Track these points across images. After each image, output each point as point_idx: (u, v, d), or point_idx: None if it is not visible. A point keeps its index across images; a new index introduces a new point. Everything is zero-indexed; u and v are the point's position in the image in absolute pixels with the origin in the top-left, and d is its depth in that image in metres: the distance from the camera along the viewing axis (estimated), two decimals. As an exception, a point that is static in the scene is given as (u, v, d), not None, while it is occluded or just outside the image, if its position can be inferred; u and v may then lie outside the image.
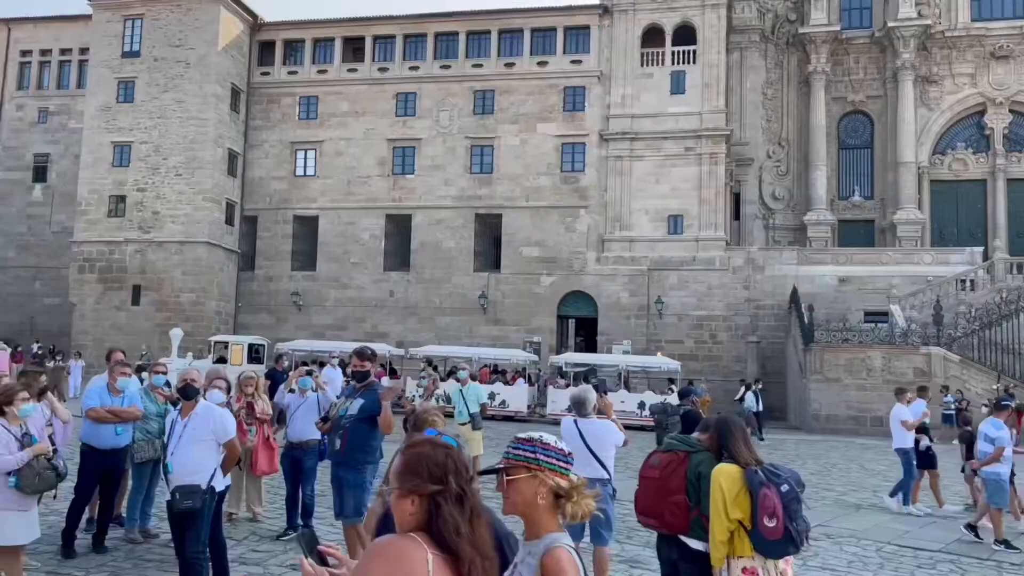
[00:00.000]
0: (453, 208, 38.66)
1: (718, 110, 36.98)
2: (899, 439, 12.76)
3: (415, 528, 2.35)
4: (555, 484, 2.59)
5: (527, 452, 2.64)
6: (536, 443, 2.66)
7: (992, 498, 10.29)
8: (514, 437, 2.75)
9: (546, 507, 2.59)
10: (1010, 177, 39.26)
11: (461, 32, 39.43)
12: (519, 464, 2.62)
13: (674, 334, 35.80)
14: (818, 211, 39.77)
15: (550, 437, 2.71)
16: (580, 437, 7.31)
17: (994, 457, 10.21)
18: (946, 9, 40.22)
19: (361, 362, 7.16)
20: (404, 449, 2.51)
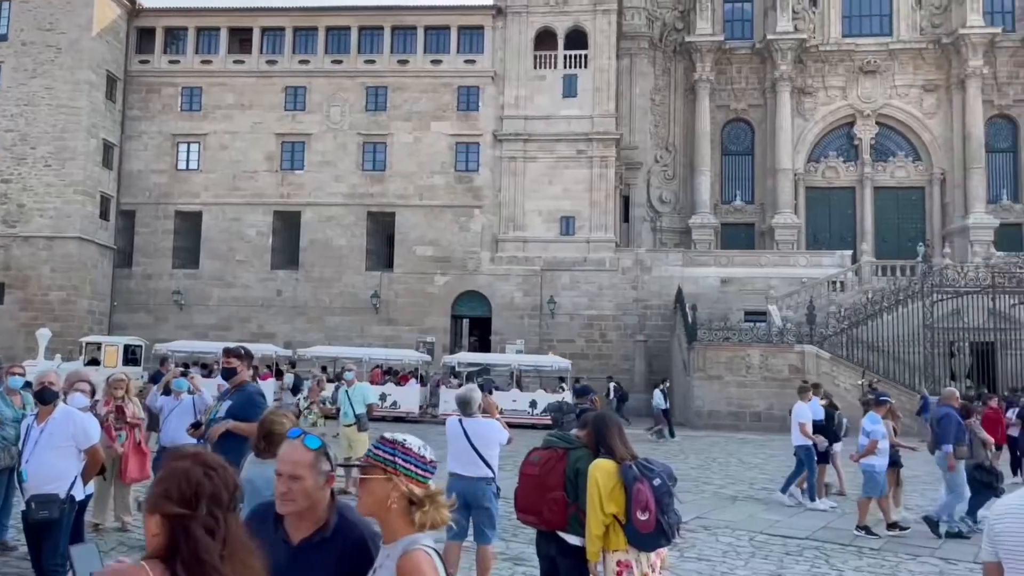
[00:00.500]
0: (344, 205, 37.99)
1: (608, 114, 37.80)
2: (798, 436, 13.09)
3: (157, 552, 2.08)
4: (408, 490, 2.55)
5: (386, 454, 2.59)
6: (397, 446, 2.60)
7: (866, 488, 10.83)
8: (379, 437, 2.69)
9: (398, 512, 2.55)
10: (876, 185, 41.85)
11: (353, 27, 38.79)
12: (376, 465, 2.58)
13: (566, 333, 36.35)
14: (702, 215, 41.25)
15: (415, 442, 2.64)
16: (465, 436, 7.30)
17: (868, 450, 10.73)
18: (820, 24, 42.49)
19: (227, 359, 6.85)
20: (165, 462, 2.26)
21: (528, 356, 32.20)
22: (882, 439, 10.86)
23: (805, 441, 12.96)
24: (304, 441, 2.86)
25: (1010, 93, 41.42)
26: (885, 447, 10.98)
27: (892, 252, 38.91)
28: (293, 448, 2.85)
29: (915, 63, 41.89)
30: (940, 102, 41.73)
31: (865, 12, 42.76)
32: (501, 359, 31.53)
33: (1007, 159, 41.87)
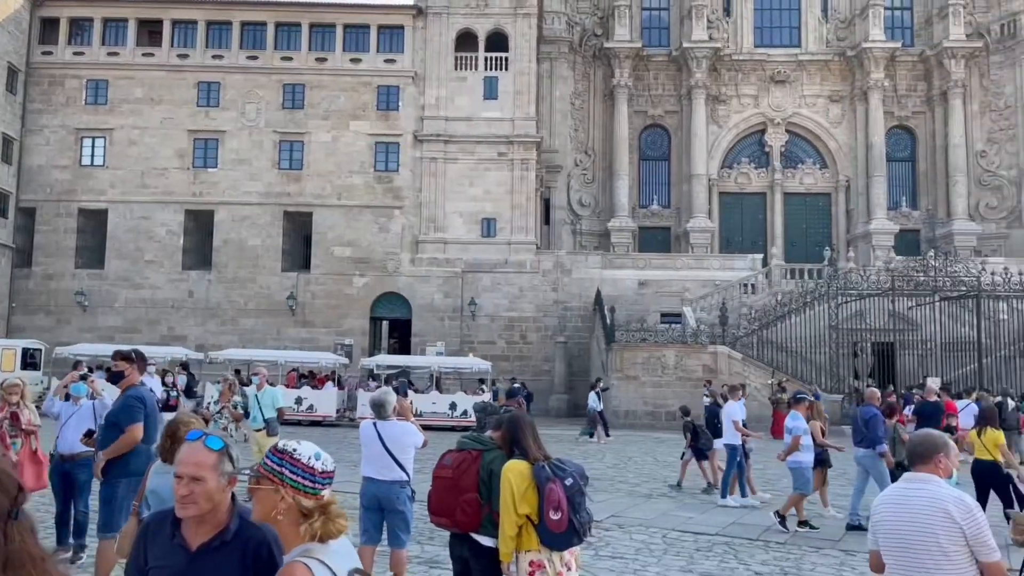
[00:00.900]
0: (260, 205, 37.10)
1: (529, 117, 38.04)
2: (729, 435, 13.28)
3: None
4: (296, 502, 2.53)
5: (274, 464, 2.58)
6: (286, 457, 2.59)
7: (796, 485, 11.10)
8: (273, 447, 2.67)
9: (287, 523, 2.54)
10: (786, 191, 43.37)
11: (270, 23, 37.94)
12: (266, 475, 2.57)
13: (486, 335, 36.39)
14: (621, 218, 41.94)
15: (307, 452, 2.61)
16: (379, 439, 7.24)
17: (792, 447, 11.01)
18: (733, 34, 43.79)
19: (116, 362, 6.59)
20: None
21: (448, 358, 32.10)
22: (804, 435, 11.16)
23: (734, 440, 13.14)
24: (206, 442, 2.79)
25: (909, 105, 43.56)
26: (809, 443, 11.24)
27: (800, 256, 40.40)
28: (194, 450, 2.79)
29: (822, 74, 43.61)
30: (845, 112, 43.55)
31: (776, 24, 44.28)
32: (421, 361, 31.35)
33: (906, 168, 43.99)
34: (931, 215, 42.76)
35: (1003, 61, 42.07)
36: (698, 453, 14.61)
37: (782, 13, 44.33)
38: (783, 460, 11.38)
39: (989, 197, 41.85)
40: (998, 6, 42.52)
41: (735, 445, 13.17)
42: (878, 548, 4.10)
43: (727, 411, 13.56)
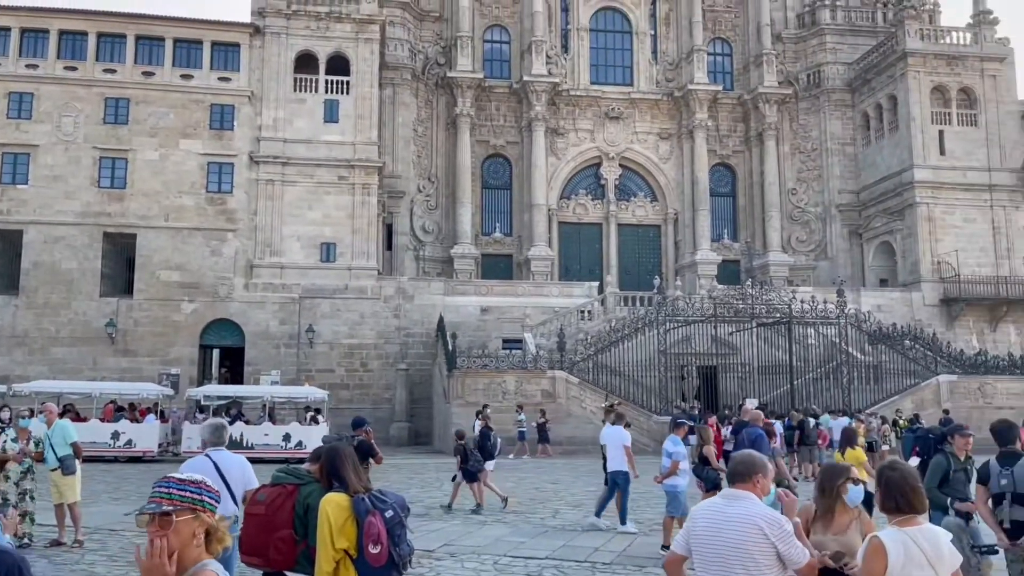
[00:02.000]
0: (76, 225, 34.51)
1: (371, 142, 37.72)
2: (619, 461, 12.83)
3: None
4: (210, 523, 2.81)
5: (193, 494, 2.81)
6: (202, 486, 2.85)
7: (669, 508, 11.27)
8: (169, 478, 2.86)
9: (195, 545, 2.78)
10: (620, 222, 45.35)
11: (91, 32, 35.60)
12: (186, 506, 2.77)
13: (325, 363, 35.47)
14: (464, 245, 42.30)
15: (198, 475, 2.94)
16: (216, 471, 6.83)
17: (671, 471, 11.21)
18: (571, 71, 45.56)
19: None
20: None
21: (283, 388, 30.95)
22: (683, 460, 11.43)
23: (622, 465, 12.79)
24: None
25: (730, 144, 46.88)
26: (686, 467, 11.47)
27: (634, 284, 42.27)
28: None
29: (652, 113, 46.14)
30: (673, 149, 46.24)
31: (610, 63, 46.50)
32: (253, 391, 30.02)
33: (728, 203, 47.20)
34: (750, 247, 46.01)
35: (810, 107, 46.19)
36: (468, 475, 14.82)
37: (616, 53, 46.62)
38: (659, 483, 11.45)
39: (799, 231, 45.61)
40: (805, 57, 46.73)
41: (625, 471, 12.76)
42: (683, 554, 4.36)
43: (616, 436, 13.06)
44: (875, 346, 33.27)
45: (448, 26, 44.92)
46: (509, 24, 46.22)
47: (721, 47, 47.96)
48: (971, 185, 40.34)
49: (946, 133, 40.80)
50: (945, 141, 40.73)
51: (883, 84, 42.71)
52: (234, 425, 26.38)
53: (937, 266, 39.56)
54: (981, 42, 41.56)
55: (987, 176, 40.52)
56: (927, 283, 39.53)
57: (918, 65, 40.80)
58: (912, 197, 40.15)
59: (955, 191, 40.24)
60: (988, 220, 40.30)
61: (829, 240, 45.10)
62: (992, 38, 41.67)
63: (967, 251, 39.56)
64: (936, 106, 41.05)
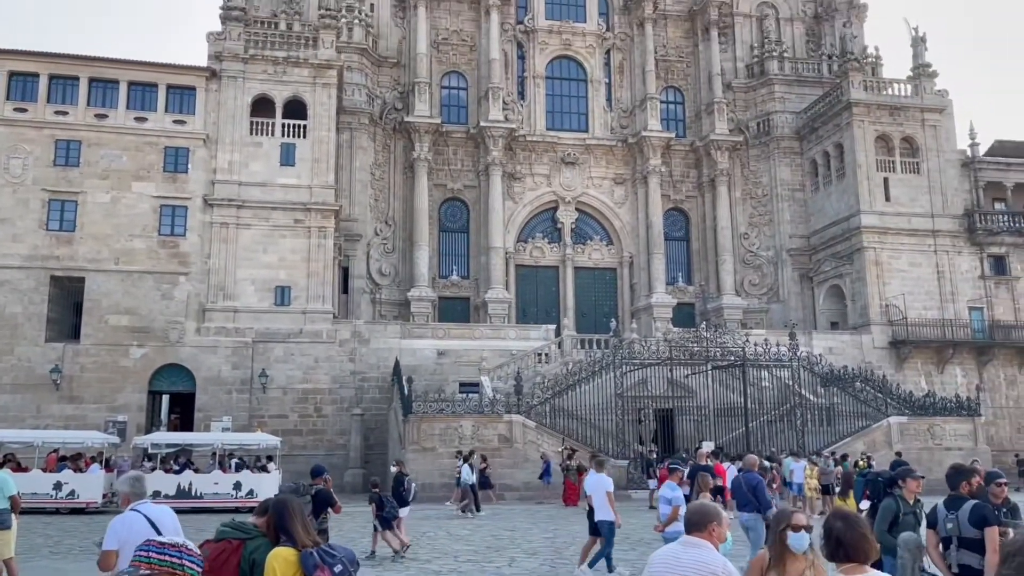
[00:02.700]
0: (22, 268, 33.65)
1: (327, 185, 37.62)
2: (607, 510, 12.49)
3: None
4: None
5: (173, 558, 2.83)
6: (183, 550, 2.88)
7: None
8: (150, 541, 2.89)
9: None
10: (576, 265, 45.71)
11: (43, 74, 35.14)
12: (165, 570, 2.79)
13: (278, 408, 34.82)
14: (421, 288, 42.20)
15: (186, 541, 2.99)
16: (150, 524, 6.58)
17: (671, 517, 11.09)
18: (527, 117, 46.22)
19: None
20: None
21: (234, 434, 30.28)
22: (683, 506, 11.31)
23: (609, 515, 12.43)
24: None
25: (683, 189, 47.78)
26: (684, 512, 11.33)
27: (590, 326, 42.49)
28: None
29: (607, 158, 46.91)
30: (628, 194, 46.96)
31: (566, 110, 47.31)
32: (203, 438, 29.32)
33: (682, 246, 47.93)
34: (704, 290, 46.66)
35: (760, 154, 47.40)
36: (383, 522, 14.66)
37: (571, 100, 47.47)
38: (660, 532, 11.31)
39: (752, 275, 46.42)
40: (755, 106, 48.07)
41: (611, 521, 12.40)
42: None
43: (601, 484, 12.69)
44: (827, 388, 33.79)
45: (406, 72, 45.36)
46: (466, 71, 46.84)
47: (673, 95, 49.13)
48: (916, 231, 41.60)
49: (891, 180, 42.14)
50: (890, 188, 42.05)
51: (830, 133, 44.07)
52: (183, 474, 25.68)
53: (885, 309, 40.52)
54: (921, 94, 43.24)
55: (930, 222, 41.84)
56: (876, 326, 40.42)
57: (862, 115, 42.24)
58: (860, 242, 41.22)
59: (900, 236, 41.44)
60: (933, 265, 41.51)
61: (781, 283, 45.96)
62: (931, 90, 43.38)
63: (914, 295, 40.64)
64: (881, 154, 42.44)
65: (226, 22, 37.68)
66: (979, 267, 42.10)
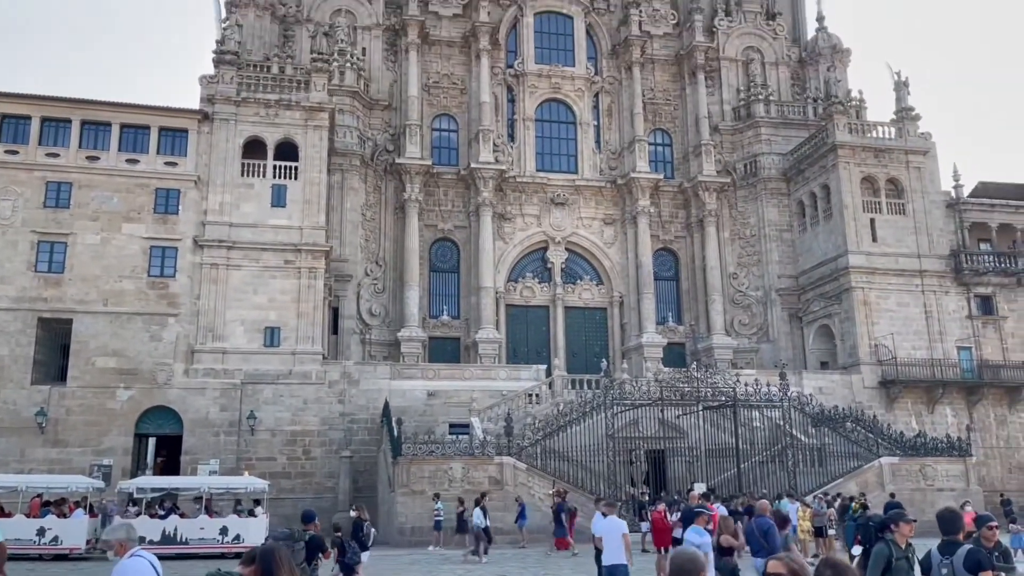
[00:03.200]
0: (10, 310, 33.43)
1: (318, 226, 37.71)
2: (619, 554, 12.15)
3: None
4: None
5: None
6: None
7: None
8: None
9: None
10: (567, 305, 45.80)
11: (35, 117, 35.32)
12: None
13: (266, 451, 34.46)
14: (411, 328, 42.14)
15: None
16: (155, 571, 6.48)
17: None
18: (517, 158, 46.67)
19: None
20: None
21: (221, 478, 29.90)
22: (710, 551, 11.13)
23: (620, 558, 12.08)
24: None
25: (672, 230, 48.14)
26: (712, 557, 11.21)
27: (581, 366, 42.42)
28: None
29: (596, 199, 47.30)
30: (617, 234, 47.26)
31: (555, 151, 47.82)
32: (190, 482, 28.91)
33: (672, 286, 48.13)
34: (694, 330, 46.74)
35: (747, 195, 47.88)
36: (346, 568, 14.46)
37: (561, 142, 48.01)
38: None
39: (741, 315, 46.57)
40: (742, 148, 48.69)
41: (624, 564, 12.03)
42: None
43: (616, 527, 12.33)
44: (818, 428, 33.69)
45: (397, 114, 45.82)
46: (457, 113, 47.37)
47: (661, 137, 49.75)
48: (903, 271, 41.93)
49: (877, 221, 42.57)
50: (877, 228, 42.46)
51: (816, 174, 44.62)
52: (168, 519, 25.30)
53: (875, 349, 40.65)
54: (905, 136, 43.92)
55: (917, 262, 42.19)
56: (866, 366, 40.50)
57: (848, 157, 42.82)
58: (848, 282, 41.49)
59: (888, 276, 41.75)
60: (920, 304, 41.76)
61: (771, 323, 46.11)
62: (915, 133, 44.08)
63: (902, 334, 40.80)
64: (867, 195, 42.94)
65: (219, 65, 38.07)
66: (966, 307, 42.39)
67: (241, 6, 43.99)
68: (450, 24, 47.93)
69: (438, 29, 47.68)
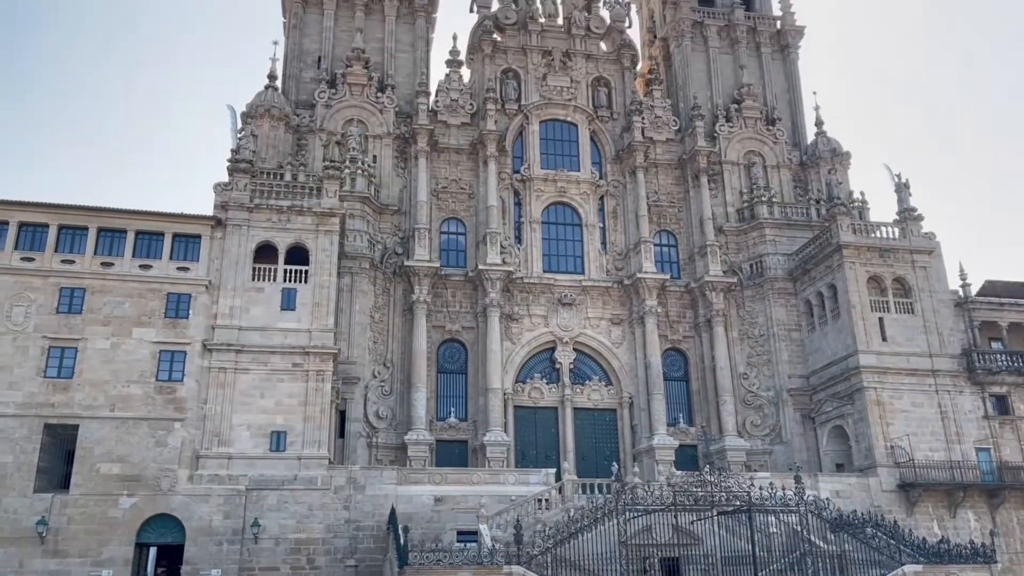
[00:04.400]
0: (16, 416, 33.27)
1: (327, 329, 37.85)
2: None
3: None
4: None
5: None
6: None
7: None
8: None
9: None
10: (576, 406, 45.40)
11: (52, 225, 36.11)
12: None
13: (269, 560, 33.58)
14: (418, 431, 41.73)
15: None
16: None
17: None
18: (524, 260, 47.24)
19: None
20: None
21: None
22: None
23: None
24: None
25: (680, 330, 48.16)
26: None
27: (591, 469, 41.69)
28: None
29: (604, 299, 47.57)
30: (625, 334, 47.28)
31: (562, 253, 48.47)
32: (190, 595, 28.04)
33: (681, 387, 47.76)
34: (705, 432, 46.10)
35: (755, 295, 48.06)
36: None
37: (567, 243, 48.70)
38: None
39: (753, 416, 45.98)
40: (747, 248, 49.23)
41: None
42: None
43: None
44: (838, 535, 32.68)
45: (406, 218, 46.71)
46: (465, 217, 48.27)
47: (667, 238, 50.41)
48: (915, 370, 41.56)
49: (886, 320, 42.51)
50: (886, 327, 42.35)
51: (822, 274, 44.87)
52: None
53: (891, 451, 39.87)
54: (909, 236, 44.33)
55: (929, 362, 41.86)
56: (883, 468, 39.64)
57: (853, 256, 43.16)
58: (859, 382, 41.09)
59: (900, 376, 41.35)
60: (935, 405, 41.20)
61: (783, 424, 45.46)
62: (918, 232, 44.50)
63: (919, 435, 40.10)
64: (874, 294, 43.03)
65: (233, 173, 39.09)
66: (982, 407, 41.80)
67: (256, 117, 45.56)
68: (458, 132, 49.41)
69: (447, 137, 49.14)
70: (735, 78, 54.72)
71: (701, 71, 54.79)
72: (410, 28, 51.99)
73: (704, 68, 54.91)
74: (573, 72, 51.99)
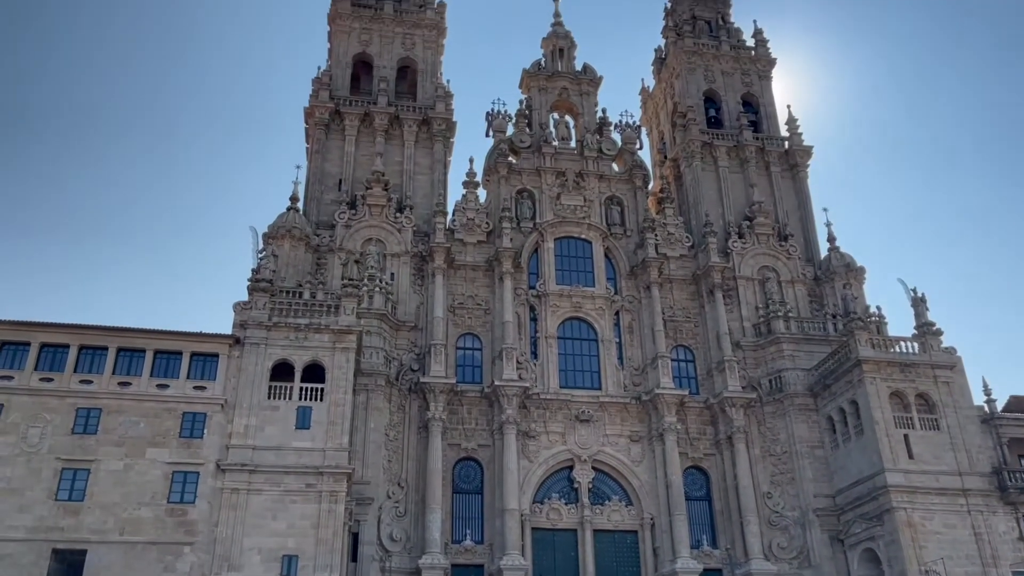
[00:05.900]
0: (24, 542, 32.59)
1: (342, 448, 37.39)
2: None
3: None
4: None
5: None
6: None
7: None
8: None
9: None
10: (596, 527, 44.00)
11: (73, 345, 36.48)
12: None
13: None
14: (433, 555, 40.48)
15: None
16: None
17: None
18: (540, 375, 46.95)
19: None
20: None
21: None
22: None
23: None
24: None
25: (701, 447, 47.15)
26: None
27: (613, 597, 39.98)
28: None
29: (622, 415, 46.90)
30: (645, 451, 46.34)
31: (579, 368, 48.18)
32: None
33: (704, 507, 46.33)
34: (730, 554, 44.39)
35: (775, 411, 47.23)
36: None
37: (584, 359, 48.49)
38: None
39: (779, 537, 44.30)
40: (765, 363, 48.76)
41: None
42: None
43: None
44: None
45: (423, 335, 46.85)
46: (480, 333, 48.38)
47: (684, 353, 50.12)
48: (944, 490, 40.20)
49: (911, 437, 41.46)
50: (912, 445, 41.25)
51: (843, 389, 44.18)
52: None
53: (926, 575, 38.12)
54: (929, 351, 43.79)
55: (959, 480, 40.54)
56: (919, 594, 37.81)
57: (873, 372, 42.55)
58: (888, 502, 39.73)
59: (930, 495, 39.97)
60: (968, 526, 39.60)
61: (811, 546, 43.72)
62: (938, 347, 43.95)
63: (954, 559, 38.36)
64: (897, 410, 42.15)
65: (253, 292, 39.65)
66: (1016, 528, 40.11)
67: (278, 237, 46.57)
68: (474, 249, 50.22)
69: (463, 254, 49.91)
70: (746, 196, 55.74)
71: (712, 189, 55.91)
72: (428, 152, 53.71)
73: (715, 186, 56.05)
74: (586, 191, 53.20)
